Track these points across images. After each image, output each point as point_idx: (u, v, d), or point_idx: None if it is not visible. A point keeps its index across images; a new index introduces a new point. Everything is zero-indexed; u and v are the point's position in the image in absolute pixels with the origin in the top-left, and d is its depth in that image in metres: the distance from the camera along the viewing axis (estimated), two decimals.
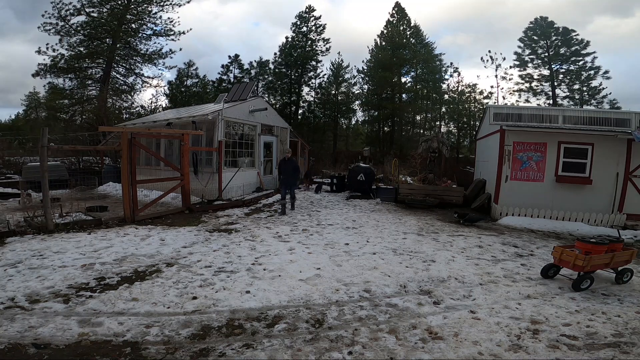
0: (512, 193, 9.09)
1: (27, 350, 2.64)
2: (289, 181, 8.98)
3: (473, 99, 29.78)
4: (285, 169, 8.96)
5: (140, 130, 10.38)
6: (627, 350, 2.87)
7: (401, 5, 30.78)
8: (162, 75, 46.55)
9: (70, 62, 23.30)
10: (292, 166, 8.97)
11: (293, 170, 8.97)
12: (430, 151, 14.86)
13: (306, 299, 3.74)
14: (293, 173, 8.97)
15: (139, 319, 3.18)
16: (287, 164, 8.93)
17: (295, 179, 9.17)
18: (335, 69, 31.67)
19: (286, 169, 8.93)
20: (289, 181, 8.98)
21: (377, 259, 5.22)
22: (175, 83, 31.81)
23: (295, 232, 6.86)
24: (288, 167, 8.90)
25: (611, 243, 4.44)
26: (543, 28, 26.91)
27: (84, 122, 22.84)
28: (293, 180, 9.06)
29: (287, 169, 8.91)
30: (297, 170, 9.18)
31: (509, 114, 11.66)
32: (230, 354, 2.70)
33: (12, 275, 4.03)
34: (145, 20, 25.18)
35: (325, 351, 2.75)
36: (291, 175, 8.92)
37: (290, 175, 8.91)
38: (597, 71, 25.45)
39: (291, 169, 8.93)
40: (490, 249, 6.11)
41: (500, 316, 3.43)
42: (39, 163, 7.15)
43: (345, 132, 36.06)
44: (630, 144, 8.55)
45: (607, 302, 3.88)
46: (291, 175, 8.92)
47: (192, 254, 5.18)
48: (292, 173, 8.95)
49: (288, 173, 8.92)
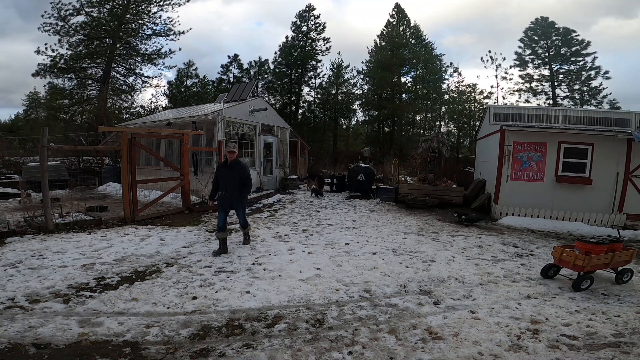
0: (512, 193, 9.09)
1: (27, 350, 2.64)
2: (233, 199, 5.38)
3: (473, 99, 29.80)
4: (225, 178, 5.34)
5: (140, 130, 10.38)
6: (627, 350, 2.87)
7: (401, 6, 30.82)
8: (162, 75, 46.52)
9: (70, 62, 23.31)
10: (238, 174, 5.31)
11: (240, 180, 5.32)
12: (430, 151, 14.86)
13: (306, 299, 3.74)
14: (240, 186, 5.34)
15: (139, 319, 3.18)
16: (229, 170, 5.33)
17: (243, 195, 5.48)
18: (335, 69, 31.67)
19: (228, 178, 5.32)
20: (233, 199, 5.38)
21: (377, 259, 5.22)
22: (175, 83, 31.85)
23: (295, 232, 6.86)
24: (231, 176, 5.30)
25: (611, 243, 4.44)
26: (543, 28, 26.91)
27: (84, 122, 22.85)
28: (239, 198, 5.42)
29: (230, 179, 5.31)
30: (246, 181, 5.38)
31: (509, 114, 11.66)
32: (230, 354, 2.70)
33: (12, 275, 4.03)
34: (145, 20, 25.19)
35: (325, 351, 2.75)
36: (237, 188, 5.33)
37: (236, 189, 5.33)
38: (598, 71, 25.45)
39: (237, 178, 5.30)
40: (490, 249, 6.11)
41: (500, 316, 3.43)
42: (39, 163, 7.15)
43: (345, 132, 36.06)
44: (630, 144, 8.55)
45: (607, 302, 3.88)
46: (237, 188, 5.33)
47: (192, 254, 5.18)
48: (239, 186, 5.33)
49: (231, 185, 5.31)
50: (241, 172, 5.34)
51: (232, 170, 5.31)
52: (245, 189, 5.42)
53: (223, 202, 5.42)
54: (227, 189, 5.34)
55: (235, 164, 5.34)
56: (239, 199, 5.43)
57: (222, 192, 5.41)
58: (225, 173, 5.35)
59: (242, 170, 5.36)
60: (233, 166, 5.32)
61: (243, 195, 5.47)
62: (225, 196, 5.39)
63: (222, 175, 5.38)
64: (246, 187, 5.42)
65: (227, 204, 5.43)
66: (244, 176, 5.37)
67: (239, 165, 5.37)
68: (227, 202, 5.41)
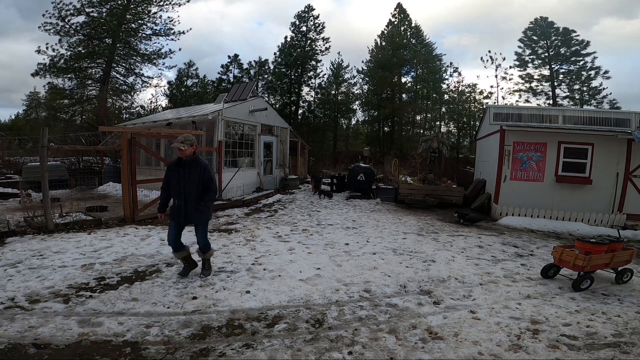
0: (512, 193, 9.09)
1: (27, 350, 2.64)
2: (190, 211, 4.01)
3: (473, 99, 29.82)
4: (179, 182, 3.99)
5: (140, 130, 10.38)
6: (627, 350, 2.87)
7: (402, 6, 30.87)
8: (162, 75, 46.59)
9: (70, 62, 23.31)
10: (196, 176, 3.98)
11: (199, 185, 4.00)
12: (430, 151, 14.88)
13: (306, 299, 3.74)
14: (200, 192, 4.01)
15: (139, 319, 3.18)
16: (184, 171, 3.98)
17: (205, 205, 4.02)
18: (335, 69, 31.71)
19: (182, 182, 3.97)
20: (190, 211, 4.01)
21: (377, 259, 5.22)
22: (175, 83, 31.88)
23: (295, 232, 6.86)
24: (187, 179, 3.97)
25: (611, 243, 4.44)
26: (543, 28, 26.93)
27: (84, 122, 22.85)
28: (199, 208, 3.99)
29: (185, 183, 3.97)
30: (208, 184, 4.01)
31: (509, 114, 11.67)
32: (230, 354, 2.70)
33: (12, 275, 4.03)
34: (145, 20, 25.20)
35: (325, 351, 2.75)
36: (195, 196, 4.00)
37: (194, 197, 4.00)
38: (598, 71, 25.49)
39: (194, 182, 3.98)
40: (490, 249, 6.11)
41: (500, 316, 3.43)
42: (39, 163, 7.15)
43: (345, 132, 36.10)
44: (630, 144, 8.55)
45: (607, 302, 3.88)
46: (195, 196, 4.00)
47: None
48: (198, 192, 4.00)
49: (187, 191, 3.99)
50: (201, 173, 3.96)
51: (188, 171, 3.95)
52: (207, 195, 4.01)
53: (177, 215, 4.03)
54: (181, 197, 3.98)
55: (192, 162, 3.98)
56: (199, 210, 3.96)
57: (175, 201, 4.07)
58: (178, 175, 3.96)
59: (203, 171, 3.97)
60: (189, 165, 3.96)
61: (205, 204, 3.99)
62: (179, 207, 3.99)
63: (175, 179, 3.98)
64: (209, 193, 4.02)
65: (182, 217, 4.03)
66: (205, 178, 3.98)
67: (198, 164, 3.99)
68: (182, 214, 4.01)
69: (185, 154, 3.98)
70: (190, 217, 4.06)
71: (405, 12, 30.82)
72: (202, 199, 4.01)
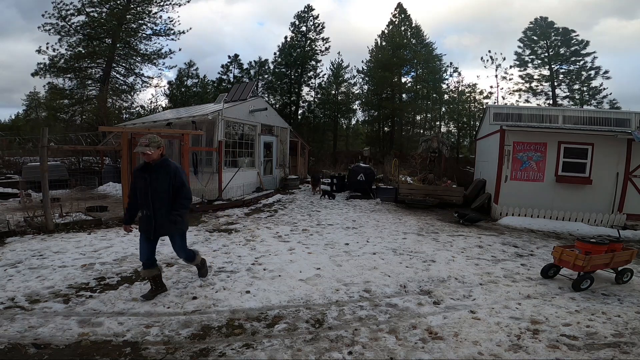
0: (512, 193, 9.09)
1: (27, 350, 2.64)
2: (160, 221, 3.49)
3: (473, 99, 29.81)
4: (146, 189, 3.45)
5: (140, 130, 10.36)
6: (627, 350, 2.87)
7: (403, 6, 30.85)
8: (162, 75, 46.60)
9: (70, 61, 23.31)
10: (166, 182, 3.46)
11: (170, 191, 3.49)
12: (430, 151, 14.89)
13: (306, 299, 3.74)
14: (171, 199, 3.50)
15: (139, 319, 3.18)
16: (151, 176, 3.45)
17: (178, 214, 3.46)
18: (335, 68, 31.71)
19: (150, 188, 3.44)
20: (160, 221, 3.49)
21: (377, 259, 5.22)
22: (176, 83, 31.88)
23: (295, 232, 6.86)
24: (155, 185, 3.44)
25: (611, 243, 4.44)
26: (543, 28, 26.91)
27: (84, 122, 22.85)
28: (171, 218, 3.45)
29: (154, 190, 3.45)
30: (180, 190, 3.50)
31: (509, 114, 11.68)
32: (230, 354, 2.70)
33: (12, 275, 4.03)
34: (145, 20, 25.19)
35: (325, 351, 2.75)
36: (166, 204, 3.49)
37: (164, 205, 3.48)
38: (597, 71, 25.46)
39: (164, 188, 3.47)
40: (490, 249, 6.11)
41: (500, 316, 3.43)
42: (39, 163, 7.15)
43: (345, 132, 36.09)
44: (630, 144, 8.55)
45: (607, 302, 3.88)
46: (166, 204, 3.49)
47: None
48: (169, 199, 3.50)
49: (156, 198, 3.46)
50: (171, 178, 3.43)
51: (156, 177, 3.41)
52: (180, 203, 3.46)
53: (146, 227, 3.51)
54: (149, 206, 3.44)
55: (160, 166, 3.44)
56: (171, 221, 3.41)
57: (143, 211, 3.51)
58: (144, 182, 3.41)
59: (174, 175, 3.45)
60: (157, 170, 3.42)
61: (178, 213, 3.43)
62: (148, 218, 3.47)
63: (142, 185, 3.44)
64: (181, 200, 3.47)
65: (151, 229, 3.48)
66: (176, 183, 3.46)
67: (166, 168, 3.44)
68: (151, 226, 3.48)
69: (152, 157, 3.42)
70: (161, 229, 3.53)
71: (405, 12, 30.83)
72: (175, 208, 3.47)
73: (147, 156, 3.42)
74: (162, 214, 3.48)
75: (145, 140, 3.43)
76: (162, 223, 3.50)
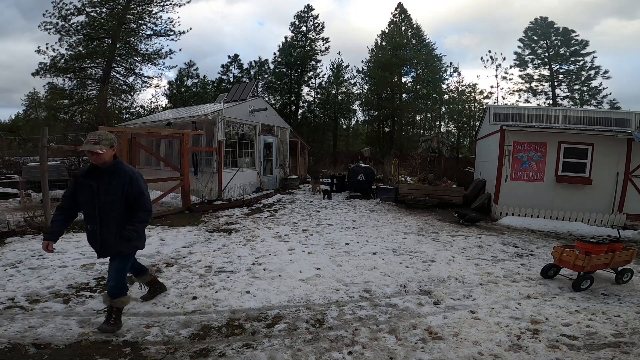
0: (512, 193, 9.09)
1: (27, 350, 2.64)
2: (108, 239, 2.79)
3: (473, 99, 29.82)
4: (92, 199, 2.74)
5: (140, 130, 10.38)
6: (627, 350, 2.87)
7: (403, 6, 30.87)
8: (162, 75, 46.61)
9: (70, 61, 23.31)
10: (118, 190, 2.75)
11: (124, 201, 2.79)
12: (430, 151, 14.89)
13: (306, 299, 3.74)
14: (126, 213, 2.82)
15: (139, 319, 3.18)
16: (100, 182, 2.74)
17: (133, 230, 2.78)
18: (335, 69, 31.71)
19: (98, 198, 2.73)
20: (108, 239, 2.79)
21: (377, 259, 5.22)
22: (176, 83, 31.89)
23: (295, 232, 6.86)
24: (105, 195, 2.72)
25: (611, 243, 4.44)
26: (543, 28, 26.91)
27: (84, 122, 22.85)
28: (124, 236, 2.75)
29: (103, 199, 2.73)
30: (138, 201, 2.81)
31: (509, 114, 11.68)
32: (230, 354, 2.70)
33: (12, 275, 4.03)
34: (145, 20, 25.18)
35: (325, 351, 2.75)
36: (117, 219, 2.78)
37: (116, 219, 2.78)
38: (597, 71, 25.46)
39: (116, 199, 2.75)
40: (490, 249, 6.11)
41: (500, 316, 3.43)
42: (39, 163, 7.15)
43: (345, 132, 36.10)
44: (630, 144, 8.55)
45: (607, 302, 3.88)
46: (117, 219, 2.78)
47: (192, 254, 5.17)
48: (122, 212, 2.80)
49: (105, 210, 2.75)
50: (125, 185, 2.76)
51: (106, 184, 2.73)
52: (136, 216, 2.81)
53: (92, 243, 2.88)
54: (95, 220, 2.76)
55: (113, 170, 2.76)
56: (125, 237, 2.75)
57: (87, 225, 2.84)
58: (90, 190, 2.74)
59: (129, 183, 2.77)
60: (108, 175, 2.75)
61: (133, 228, 2.78)
62: (93, 233, 2.81)
63: (86, 195, 2.76)
64: (138, 213, 2.82)
65: (97, 248, 2.86)
66: (132, 192, 2.78)
67: (121, 173, 2.77)
68: (97, 243, 2.83)
69: (103, 159, 2.70)
70: (109, 247, 2.83)
71: (406, 12, 30.85)
72: (130, 222, 2.78)
73: (97, 157, 2.68)
74: (110, 231, 2.77)
75: (94, 136, 2.72)
76: (110, 240, 2.79)
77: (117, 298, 2.93)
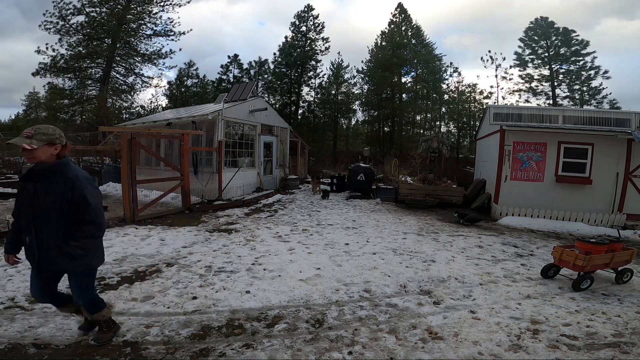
0: (512, 193, 9.09)
1: (27, 350, 2.64)
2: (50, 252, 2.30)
3: (473, 99, 29.82)
4: (30, 205, 2.29)
5: (140, 131, 10.37)
6: (627, 350, 2.87)
7: (403, 6, 30.88)
8: (162, 75, 46.61)
9: (70, 61, 23.32)
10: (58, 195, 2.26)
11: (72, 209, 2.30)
12: (430, 151, 14.89)
13: (306, 299, 3.74)
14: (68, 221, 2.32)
15: (139, 319, 3.18)
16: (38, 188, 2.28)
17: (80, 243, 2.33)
18: (335, 69, 31.72)
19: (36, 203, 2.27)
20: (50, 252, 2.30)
21: (377, 259, 5.22)
22: (176, 83, 31.92)
23: (295, 232, 6.86)
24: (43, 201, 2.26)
25: (611, 243, 4.44)
26: (543, 28, 26.92)
27: (84, 122, 22.86)
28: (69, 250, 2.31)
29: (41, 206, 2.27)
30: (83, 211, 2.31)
31: (509, 114, 11.68)
32: (230, 354, 2.70)
33: (12, 275, 4.03)
34: (145, 20, 25.21)
35: (325, 351, 2.75)
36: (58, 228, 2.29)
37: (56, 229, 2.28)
38: (597, 71, 25.48)
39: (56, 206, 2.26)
40: (490, 249, 6.11)
41: (500, 316, 3.43)
42: None
43: (345, 132, 36.11)
44: (630, 144, 8.55)
45: (607, 302, 3.88)
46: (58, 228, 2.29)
47: (192, 254, 5.17)
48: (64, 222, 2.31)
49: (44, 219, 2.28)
50: (66, 190, 2.30)
51: (43, 188, 2.30)
52: (81, 230, 2.36)
53: (30, 257, 2.39)
54: (31, 230, 2.32)
55: (52, 172, 2.32)
56: (67, 255, 2.34)
57: (24, 235, 2.38)
58: (27, 193, 2.35)
59: (72, 186, 2.31)
60: (46, 177, 2.32)
61: (77, 244, 2.35)
62: (30, 245, 2.35)
63: (24, 200, 2.39)
64: (83, 225, 2.37)
65: (34, 262, 2.38)
66: (75, 199, 2.31)
67: (60, 175, 2.32)
68: (34, 258, 2.36)
69: (36, 157, 2.26)
70: (48, 263, 2.35)
71: (405, 12, 30.85)
72: (73, 237, 2.33)
73: (29, 154, 2.24)
74: (48, 245, 2.30)
75: (29, 130, 2.27)
76: (50, 256, 2.32)
77: (96, 314, 2.72)
